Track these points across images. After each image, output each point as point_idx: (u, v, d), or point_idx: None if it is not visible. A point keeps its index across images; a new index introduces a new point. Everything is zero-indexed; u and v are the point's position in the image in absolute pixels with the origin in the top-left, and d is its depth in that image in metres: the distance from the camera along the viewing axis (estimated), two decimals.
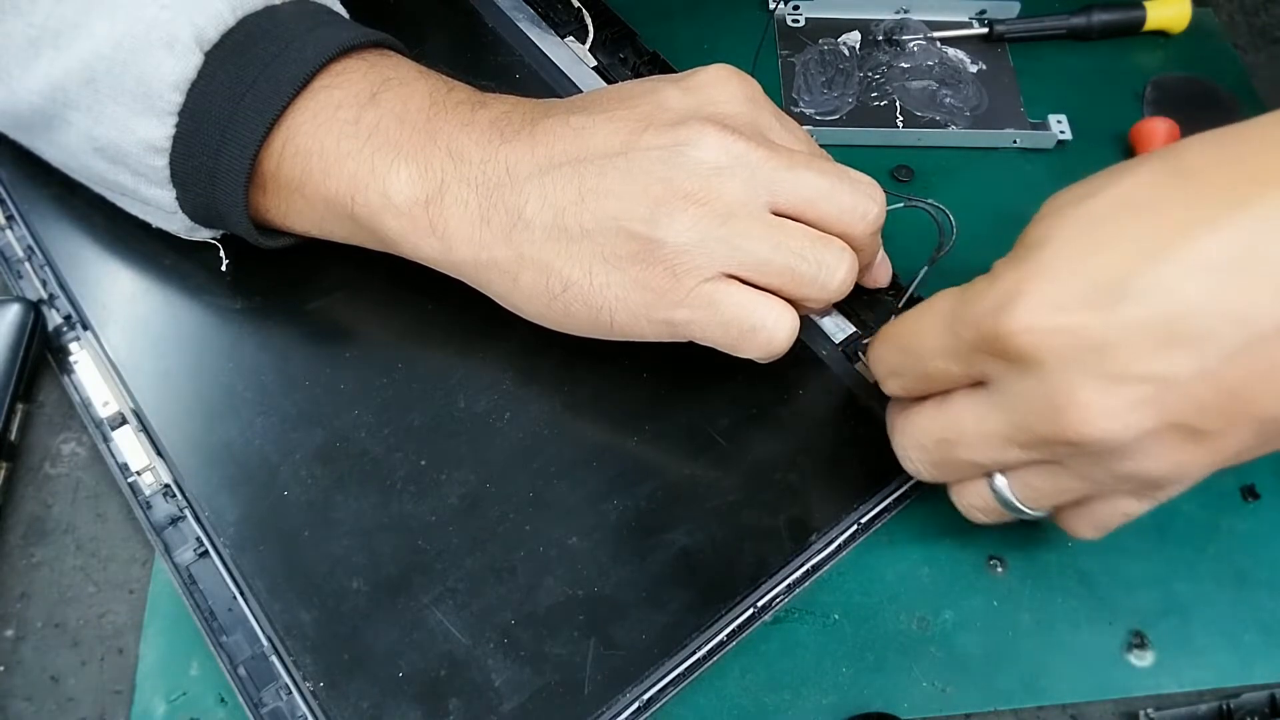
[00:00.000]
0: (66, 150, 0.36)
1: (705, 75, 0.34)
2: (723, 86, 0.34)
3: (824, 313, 0.39)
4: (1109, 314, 0.26)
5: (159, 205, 0.36)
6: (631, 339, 0.34)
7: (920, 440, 0.32)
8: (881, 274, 0.39)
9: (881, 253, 0.38)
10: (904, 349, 0.32)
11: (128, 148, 0.34)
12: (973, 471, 0.32)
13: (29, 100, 0.35)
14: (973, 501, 0.33)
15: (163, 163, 0.34)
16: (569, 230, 0.32)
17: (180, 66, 0.33)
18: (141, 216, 0.38)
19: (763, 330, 0.32)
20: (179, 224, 0.37)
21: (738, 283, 0.32)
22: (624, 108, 0.33)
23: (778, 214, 0.32)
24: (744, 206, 0.32)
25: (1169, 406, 0.26)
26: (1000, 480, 0.31)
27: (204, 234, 0.38)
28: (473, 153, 0.33)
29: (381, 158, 0.33)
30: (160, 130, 0.33)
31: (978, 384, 0.30)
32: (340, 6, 0.37)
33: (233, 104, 0.33)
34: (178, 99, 0.33)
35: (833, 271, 0.33)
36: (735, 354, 0.33)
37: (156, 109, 0.33)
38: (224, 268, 0.39)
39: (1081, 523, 0.32)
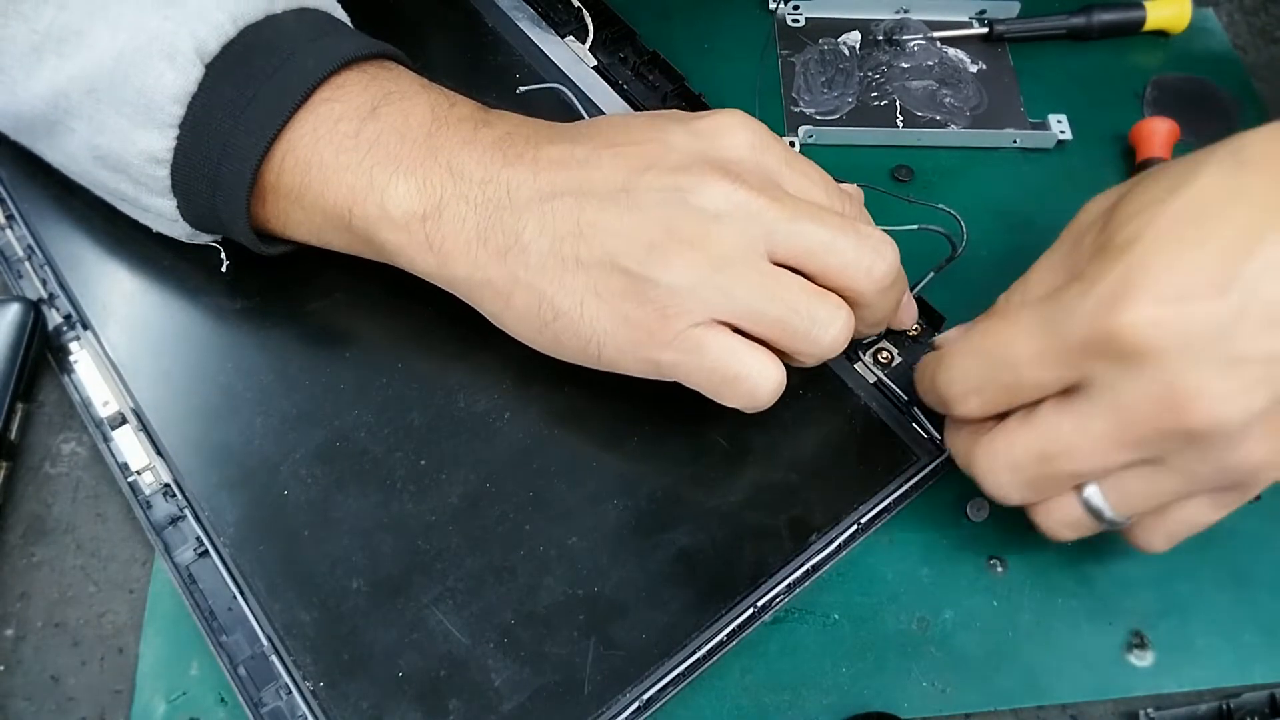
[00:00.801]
0: (68, 155, 0.36)
1: (714, 120, 0.34)
2: (731, 133, 0.33)
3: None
4: (1221, 300, 0.27)
5: (160, 213, 0.36)
6: (618, 372, 0.34)
7: (1014, 460, 0.31)
8: (906, 316, 0.38)
9: (907, 294, 0.37)
10: (992, 361, 0.31)
11: (129, 158, 0.34)
12: (1070, 483, 0.31)
13: (32, 105, 0.35)
14: (1061, 519, 0.32)
15: (164, 173, 0.34)
16: (565, 260, 0.32)
17: (181, 79, 0.33)
18: (143, 221, 0.38)
19: (747, 380, 0.32)
20: (181, 230, 0.37)
21: (728, 330, 0.32)
22: (630, 144, 0.33)
23: (778, 265, 0.32)
24: (741, 254, 0.31)
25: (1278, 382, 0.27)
26: (1092, 490, 0.31)
27: (205, 238, 0.38)
28: (474, 171, 0.33)
29: (381, 171, 0.33)
30: (161, 142, 0.33)
31: (1067, 392, 0.30)
32: (341, 11, 0.37)
33: (233, 118, 0.33)
34: (178, 111, 0.33)
35: (825, 328, 0.32)
36: (719, 401, 0.33)
37: (157, 121, 0.33)
38: (224, 269, 0.39)
39: (1155, 533, 0.32)
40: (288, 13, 0.35)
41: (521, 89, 0.44)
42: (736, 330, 0.32)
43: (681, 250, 0.31)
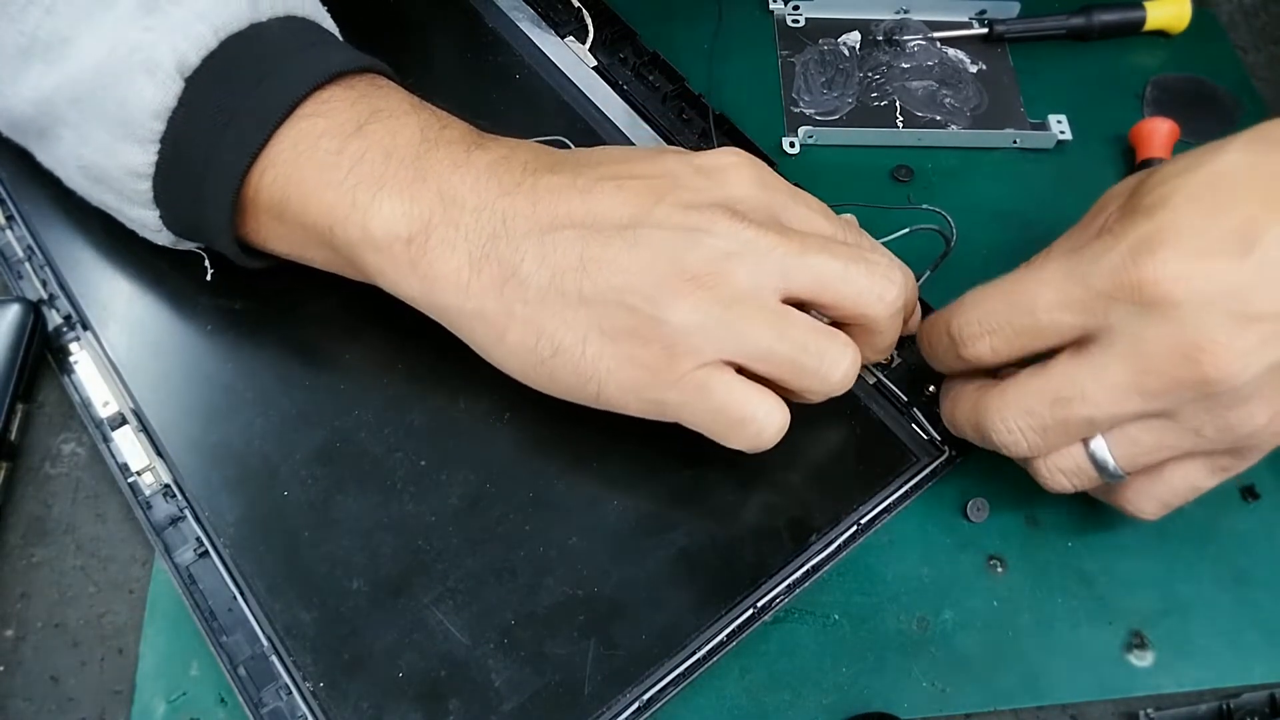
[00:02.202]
0: (58, 161, 0.36)
1: (719, 159, 0.34)
2: (736, 171, 0.33)
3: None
4: (1243, 259, 0.29)
5: (143, 224, 0.36)
6: (616, 411, 0.33)
7: (1030, 405, 0.32)
8: (914, 323, 0.38)
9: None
10: (1013, 303, 0.32)
11: (111, 170, 0.34)
12: (1080, 433, 0.32)
13: (21, 110, 0.34)
14: (1064, 465, 0.33)
15: (145, 187, 0.34)
16: (566, 295, 0.31)
17: (160, 94, 0.32)
18: (129, 227, 0.38)
19: (752, 423, 0.32)
20: (165, 239, 0.37)
21: (733, 371, 0.32)
22: (633, 178, 0.33)
23: (791, 300, 0.32)
24: (751, 294, 0.31)
25: None
26: (1098, 441, 0.32)
27: (190, 245, 0.38)
28: (466, 198, 0.32)
29: (364, 191, 0.32)
30: (142, 157, 0.33)
31: (1081, 344, 0.31)
32: (329, 20, 0.36)
33: (215, 135, 0.32)
34: (158, 127, 0.33)
35: (835, 364, 0.32)
36: (722, 442, 0.32)
37: (138, 136, 0.33)
38: (209, 277, 0.38)
39: (1148, 498, 0.33)
40: (273, 21, 0.34)
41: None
42: (741, 370, 0.32)
43: (691, 289, 0.31)
